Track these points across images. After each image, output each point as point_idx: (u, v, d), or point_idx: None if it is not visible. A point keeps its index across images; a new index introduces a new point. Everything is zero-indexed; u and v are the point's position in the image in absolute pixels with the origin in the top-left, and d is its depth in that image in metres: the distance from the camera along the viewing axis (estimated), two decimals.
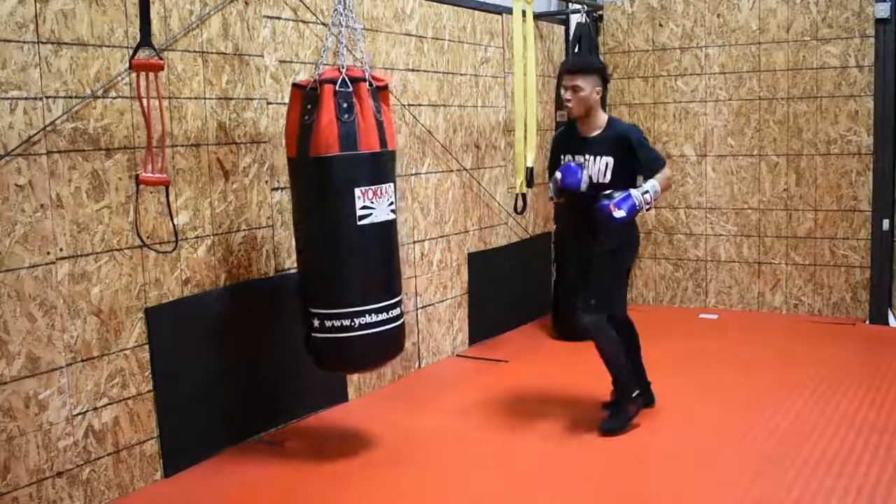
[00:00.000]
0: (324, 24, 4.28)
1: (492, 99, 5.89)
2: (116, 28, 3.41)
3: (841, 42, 6.10)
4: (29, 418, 3.15)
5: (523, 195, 5.27)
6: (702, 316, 6.55)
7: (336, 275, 3.66)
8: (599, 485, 3.62)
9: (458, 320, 5.64)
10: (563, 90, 4.11)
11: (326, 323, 3.64)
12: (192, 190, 3.79)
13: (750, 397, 4.55)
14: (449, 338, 5.56)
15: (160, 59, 3.18)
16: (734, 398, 4.56)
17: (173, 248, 3.55)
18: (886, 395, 4.54)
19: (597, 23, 6.78)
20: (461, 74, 5.56)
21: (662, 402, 4.30)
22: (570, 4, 6.71)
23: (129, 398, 3.53)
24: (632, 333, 4.32)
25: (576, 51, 6.36)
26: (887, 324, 6.02)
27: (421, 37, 5.19)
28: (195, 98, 3.78)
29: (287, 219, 4.17)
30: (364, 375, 4.76)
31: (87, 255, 3.35)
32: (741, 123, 6.51)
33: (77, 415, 3.32)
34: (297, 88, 3.67)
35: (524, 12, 5.29)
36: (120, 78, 3.42)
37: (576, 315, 4.11)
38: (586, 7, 6.54)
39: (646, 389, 4.32)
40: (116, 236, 3.46)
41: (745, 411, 4.33)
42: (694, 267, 6.79)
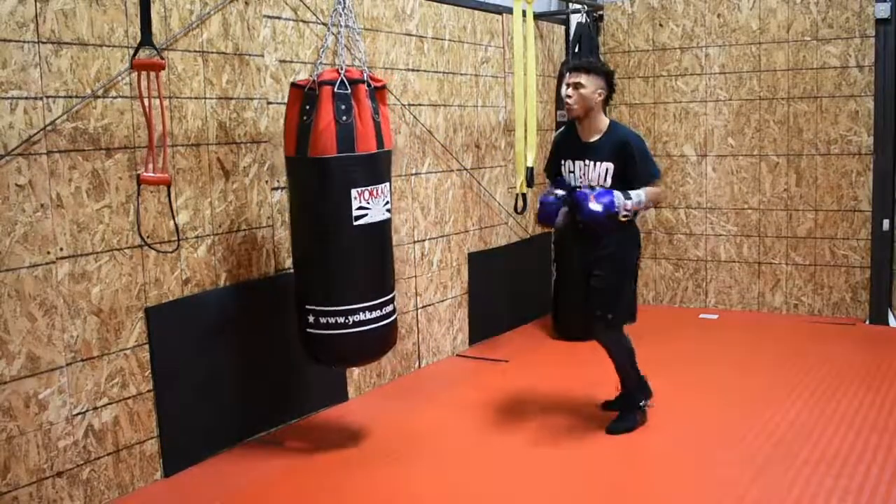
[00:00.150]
0: (324, 23, 4.28)
1: (492, 99, 5.89)
2: (117, 28, 3.41)
3: (841, 42, 6.10)
4: (29, 418, 3.15)
5: (523, 195, 5.28)
6: (702, 316, 6.55)
7: (331, 273, 3.70)
8: (599, 484, 3.62)
9: (458, 320, 5.64)
10: (565, 87, 4.02)
11: (321, 319, 3.69)
12: (193, 190, 3.79)
13: (750, 397, 4.55)
14: (449, 338, 5.56)
15: (161, 58, 3.18)
16: (734, 398, 4.56)
17: (175, 248, 3.55)
18: (886, 395, 4.54)
19: (597, 23, 6.78)
20: (461, 74, 5.56)
21: (662, 402, 4.30)
22: (570, 4, 6.71)
23: (129, 398, 3.53)
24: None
25: (576, 51, 6.36)
26: (887, 324, 6.03)
27: (421, 37, 5.19)
28: (195, 98, 3.78)
29: (287, 219, 4.17)
30: (364, 375, 4.77)
31: (87, 255, 3.35)
32: (741, 123, 6.50)
33: (77, 414, 3.32)
34: (296, 88, 3.68)
35: (524, 12, 5.29)
36: (120, 77, 3.42)
37: (593, 329, 4.06)
38: (586, 7, 6.54)
39: (647, 389, 4.25)
40: (116, 236, 3.46)
41: (745, 411, 4.33)
42: (694, 267, 6.79)
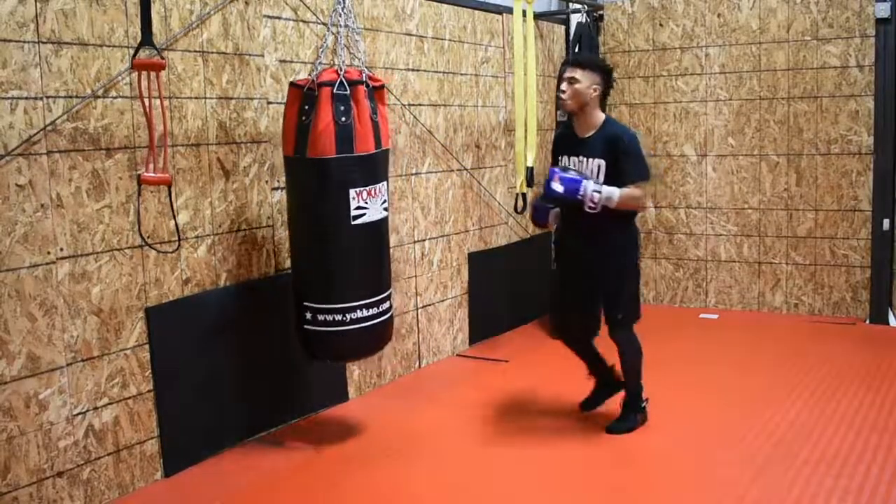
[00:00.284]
0: (323, 23, 4.28)
1: (492, 99, 5.89)
2: (117, 28, 3.41)
3: (841, 42, 6.10)
4: (29, 418, 3.15)
5: (523, 195, 5.29)
6: (702, 316, 6.55)
7: (329, 271, 3.71)
8: (599, 484, 3.62)
9: (458, 320, 5.64)
10: (561, 82, 3.99)
11: (319, 317, 3.71)
12: (193, 190, 3.79)
13: (750, 397, 4.55)
14: (449, 337, 5.56)
15: (161, 58, 3.18)
16: (734, 398, 4.56)
17: (175, 248, 3.55)
18: (886, 394, 4.54)
19: (597, 22, 6.78)
20: (461, 74, 5.56)
21: (662, 402, 4.30)
22: (571, 4, 6.71)
23: (130, 398, 3.53)
24: (596, 351, 4.22)
25: (576, 50, 6.36)
26: (887, 323, 6.03)
27: (421, 36, 5.19)
28: (195, 98, 3.78)
29: (287, 219, 4.17)
30: (364, 375, 4.77)
31: (87, 255, 3.35)
32: (741, 123, 6.50)
33: (77, 414, 3.32)
34: (295, 88, 3.69)
35: (524, 12, 5.30)
36: (120, 77, 3.42)
37: (609, 330, 4.04)
38: (586, 7, 6.54)
39: (609, 378, 4.24)
40: (117, 236, 3.46)
41: (745, 411, 4.33)
42: (694, 267, 6.79)
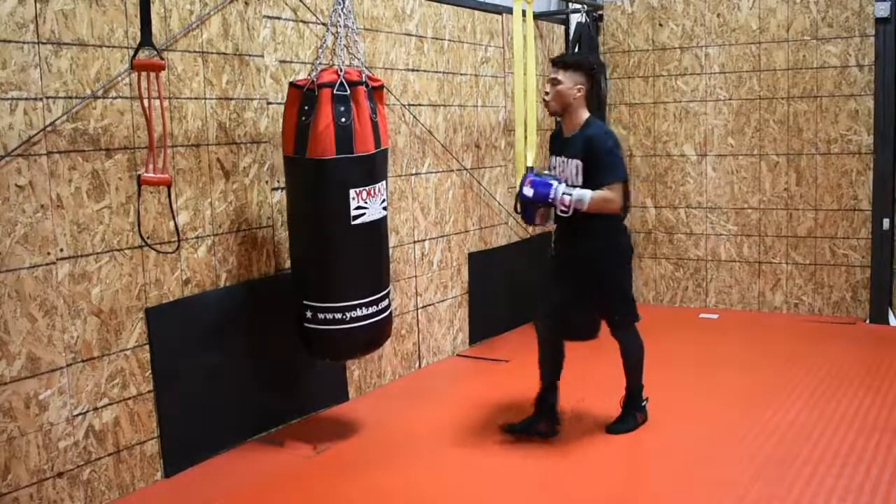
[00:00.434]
0: (323, 24, 4.28)
1: (492, 99, 5.89)
2: (116, 28, 3.41)
3: (841, 41, 6.10)
4: (29, 419, 3.15)
5: None
6: (702, 316, 6.55)
7: (330, 271, 3.72)
8: (599, 484, 3.62)
9: (458, 320, 5.64)
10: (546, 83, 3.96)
11: (319, 315, 3.73)
12: (193, 190, 3.79)
13: (750, 397, 4.55)
14: (449, 338, 5.56)
15: (161, 58, 3.18)
16: (734, 398, 4.56)
17: (175, 248, 3.55)
18: (886, 394, 4.54)
19: (597, 22, 6.78)
20: (461, 74, 5.56)
21: (662, 402, 4.30)
22: (570, 4, 6.71)
23: (130, 398, 3.53)
24: (561, 352, 4.09)
25: (576, 50, 6.36)
26: (887, 323, 6.03)
27: (421, 37, 5.19)
28: (195, 98, 3.78)
29: (287, 218, 4.17)
30: (364, 375, 4.77)
31: (87, 256, 3.35)
32: (741, 123, 6.50)
33: (77, 415, 3.32)
34: (295, 89, 3.69)
35: (524, 12, 5.29)
36: (120, 78, 3.42)
37: (612, 331, 4.04)
38: (586, 7, 6.54)
39: (554, 420, 4.06)
40: (117, 236, 3.46)
41: (745, 411, 4.33)
42: (694, 266, 6.79)
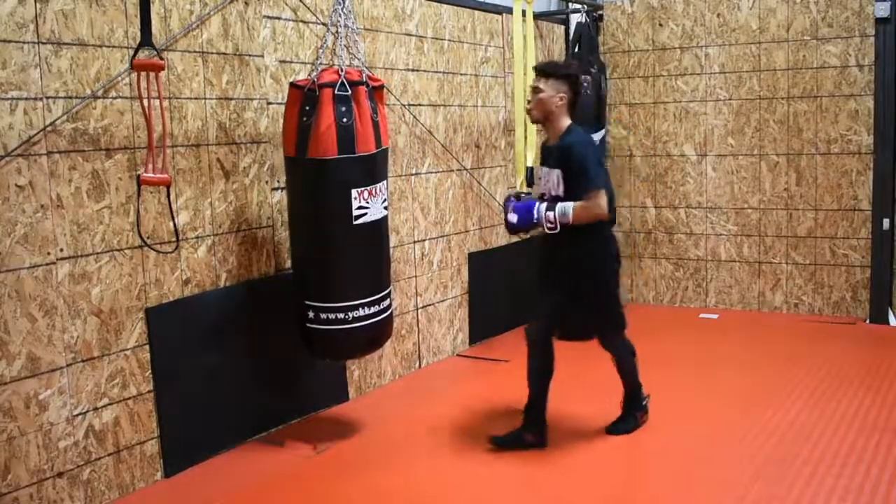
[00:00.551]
0: (323, 24, 4.28)
1: (492, 99, 5.89)
2: (116, 28, 3.41)
3: (841, 41, 6.10)
4: (29, 419, 3.15)
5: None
6: (702, 316, 6.55)
7: (331, 271, 3.73)
8: (599, 484, 3.62)
9: (458, 320, 5.64)
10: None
11: (322, 315, 3.73)
12: (193, 190, 3.79)
13: (750, 397, 4.55)
14: (449, 338, 5.56)
15: (161, 59, 3.18)
16: (734, 398, 4.56)
17: (174, 249, 3.55)
18: (886, 394, 4.54)
19: (597, 22, 6.77)
20: (461, 74, 5.56)
21: (662, 402, 4.30)
22: (570, 4, 6.71)
23: (130, 398, 3.53)
24: (550, 361, 3.95)
25: (576, 50, 6.36)
26: (887, 323, 6.02)
27: (421, 37, 5.19)
28: (195, 98, 3.78)
29: (287, 218, 4.17)
30: (364, 375, 4.77)
31: (87, 256, 3.35)
32: (741, 123, 6.50)
33: (77, 415, 3.32)
34: (296, 89, 3.69)
35: (524, 12, 5.30)
36: (120, 78, 3.42)
37: (601, 341, 4.02)
38: (586, 7, 6.54)
39: (542, 431, 3.95)
40: (117, 236, 3.46)
41: (745, 411, 4.33)
42: (694, 266, 6.79)
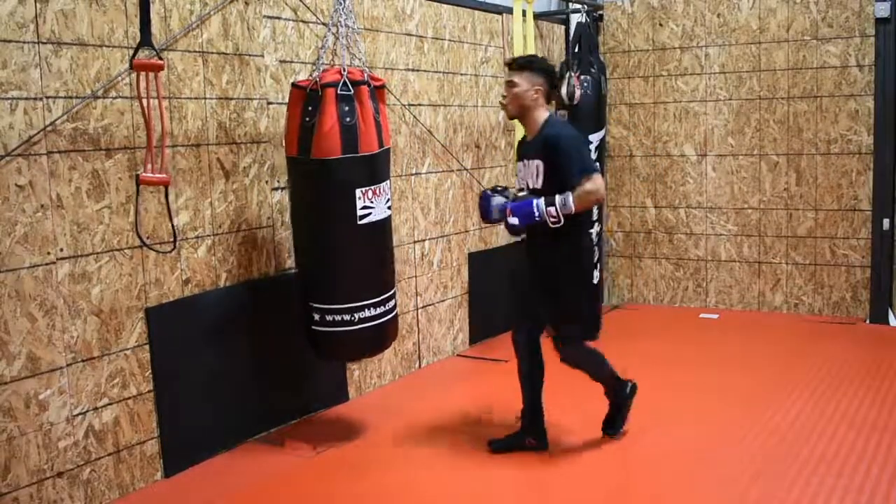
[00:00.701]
0: (324, 24, 4.28)
1: (492, 99, 5.89)
2: (116, 28, 3.41)
3: (841, 41, 6.10)
4: (29, 418, 3.15)
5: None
6: (702, 316, 6.55)
7: (337, 272, 3.73)
8: (599, 484, 3.62)
9: (458, 320, 5.64)
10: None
11: (327, 317, 3.73)
12: (193, 190, 3.79)
13: (750, 397, 4.55)
14: (449, 338, 5.56)
15: (160, 59, 3.18)
16: (734, 398, 4.56)
17: (172, 249, 3.55)
18: (887, 394, 4.54)
19: (597, 22, 6.77)
20: (461, 74, 5.56)
21: (662, 402, 4.30)
22: (570, 4, 6.71)
23: (130, 398, 3.53)
24: (539, 364, 3.90)
25: (576, 50, 6.36)
26: (888, 323, 6.02)
27: (421, 37, 5.19)
28: (195, 98, 3.78)
29: (287, 219, 4.17)
30: (364, 375, 4.77)
31: (87, 256, 3.35)
32: (741, 123, 6.50)
33: (77, 415, 3.32)
34: (298, 89, 3.69)
35: (524, 12, 5.30)
36: (120, 78, 3.43)
37: (557, 348, 3.83)
38: (586, 7, 6.54)
39: (542, 433, 3.92)
40: (117, 236, 3.46)
41: (745, 411, 4.33)
42: (694, 267, 6.79)
